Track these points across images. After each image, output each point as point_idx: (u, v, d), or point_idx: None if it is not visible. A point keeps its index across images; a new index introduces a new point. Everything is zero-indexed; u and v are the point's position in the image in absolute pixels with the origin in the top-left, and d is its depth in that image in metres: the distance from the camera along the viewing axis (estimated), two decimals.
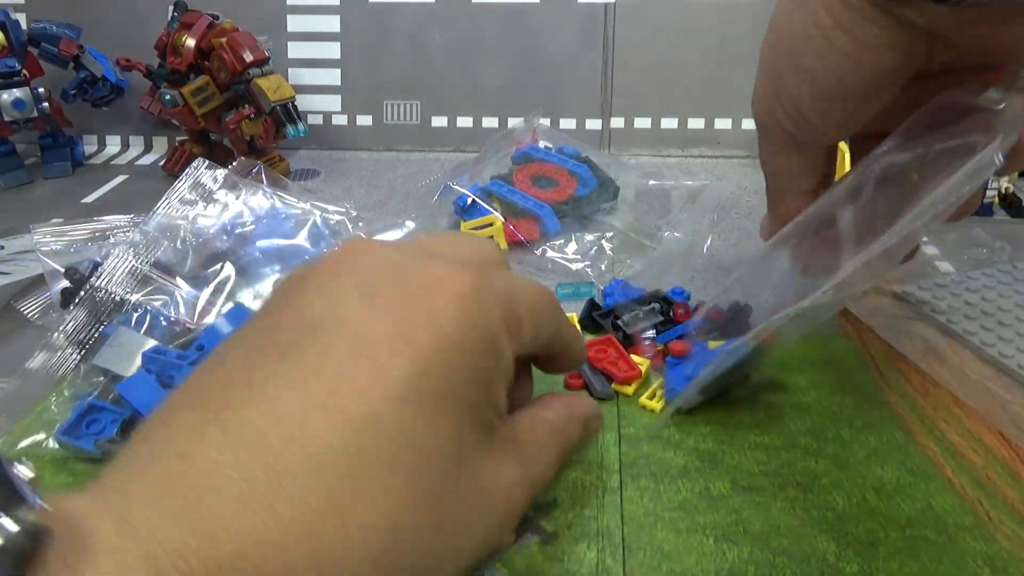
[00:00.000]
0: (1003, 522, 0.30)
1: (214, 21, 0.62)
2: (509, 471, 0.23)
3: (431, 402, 0.19)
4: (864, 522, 0.30)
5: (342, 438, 0.18)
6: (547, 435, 0.25)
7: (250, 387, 0.19)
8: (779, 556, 0.28)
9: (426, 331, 0.20)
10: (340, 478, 0.18)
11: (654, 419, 0.35)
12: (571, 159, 0.54)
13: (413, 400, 0.19)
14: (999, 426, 0.33)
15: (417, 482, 0.19)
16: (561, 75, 0.66)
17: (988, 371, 0.36)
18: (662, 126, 0.66)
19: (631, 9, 0.64)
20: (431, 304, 0.20)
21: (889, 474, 0.32)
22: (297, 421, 0.18)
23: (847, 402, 0.36)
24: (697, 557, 0.29)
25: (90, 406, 0.33)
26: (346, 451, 0.18)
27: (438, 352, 0.20)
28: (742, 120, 0.65)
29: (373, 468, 0.18)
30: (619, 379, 0.37)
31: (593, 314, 0.42)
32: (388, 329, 0.20)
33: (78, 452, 0.33)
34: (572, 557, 0.29)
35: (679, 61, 0.65)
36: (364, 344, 0.19)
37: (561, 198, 0.51)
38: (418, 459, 0.19)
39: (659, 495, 0.31)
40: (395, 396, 0.19)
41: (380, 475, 0.18)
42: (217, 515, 0.17)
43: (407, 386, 0.19)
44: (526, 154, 0.54)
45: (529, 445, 0.24)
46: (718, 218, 0.53)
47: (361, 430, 0.18)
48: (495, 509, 0.22)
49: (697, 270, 0.47)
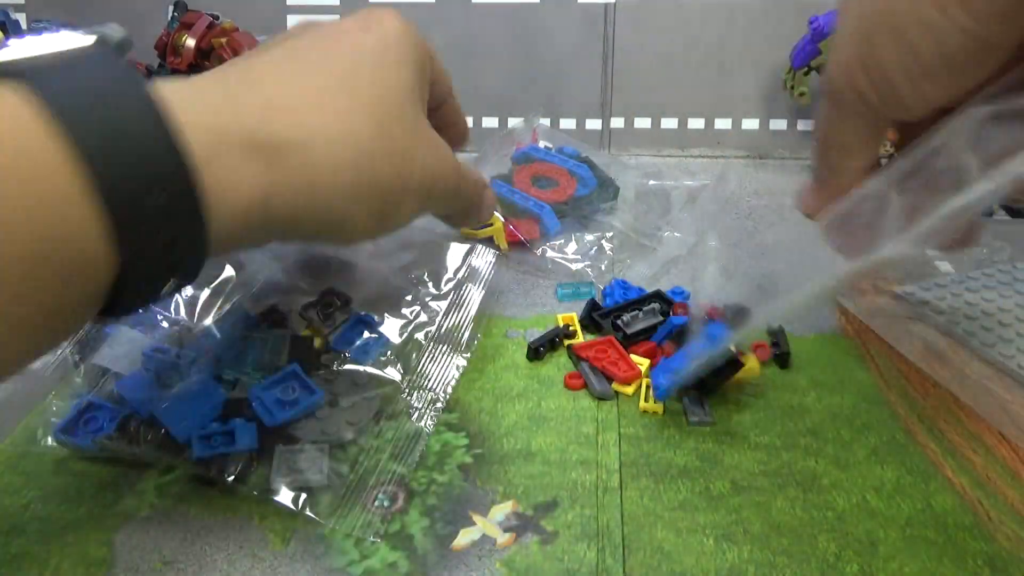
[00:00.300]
0: (1003, 522, 0.30)
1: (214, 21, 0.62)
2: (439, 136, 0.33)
3: (392, 61, 0.30)
4: (864, 522, 0.30)
5: (339, 79, 0.28)
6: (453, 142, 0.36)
7: (272, 60, 0.29)
8: (779, 556, 0.28)
9: (383, 23, 0.31)
10: (338, 102, 0.28)
11: (654, 419, 0.35)
12: (571, 159, 0.54)
13: (380, 57, 0.30)
14: (999, 426, 0.33)
15: (386, 103, 0.29)
16: (561, 75, 0.66)
17: (988, 371, 0.36)
18: (662, 126, 0.66)
19: (631, 9, 0.64)
20: (381, 14, 0.31)
21: (889, 474, 0.32)
22: (309, 71, 0.28)
23: (847, 402, 0.36)
24: (697, 557, 0.29)
25: (88, 404, 0.33)
26: (340, 86, 0.28)
27: (392, 34, 0.30)
28: (742, 120, 0.65)
29: (359, 95, 0.28)
30: (619, 379, 0.37)
31: (593, 314, 0.42)
32: (356, 24, 0.31)
33: (76, 450, 0.33)
34: (572, 557, 0.29)
35: (679, 61, 0.65)
36: (342, 31, 0.30)
37: (561, 198, 0.51)
38: (386, 92, 0.29)
39: (659, 495, 0.31)
40: (370, 54, 0.30)
41: (363, 101, 0.28)
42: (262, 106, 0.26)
43: (376, 50, 0.30)
44: (526, 154, 0.54)
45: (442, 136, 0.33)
46: (717, 218, 0.53)
47: (348, 74, 0.29)
48: (439, 144, 0.32)
49: (698, 270, 0.47)
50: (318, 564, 0.29)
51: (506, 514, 0.31)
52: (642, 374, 0.37)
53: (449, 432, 0.35)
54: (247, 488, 0.31)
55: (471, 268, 0.43)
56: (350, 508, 0.30)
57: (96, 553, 0.29)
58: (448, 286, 0.42)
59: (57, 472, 0.33)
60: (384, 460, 0.32)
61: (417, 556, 0.29)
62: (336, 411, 0.33)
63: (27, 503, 0.31)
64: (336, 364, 0.36)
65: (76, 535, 0.30)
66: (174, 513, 0.31)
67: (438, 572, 0.28)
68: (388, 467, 0.32)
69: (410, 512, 0.31)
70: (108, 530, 0.30)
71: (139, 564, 0.29)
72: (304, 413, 0.33)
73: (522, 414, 0.36)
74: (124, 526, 0.30)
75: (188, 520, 0.31)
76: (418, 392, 0.35)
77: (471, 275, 0.43)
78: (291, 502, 0.30)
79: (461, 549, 0.29)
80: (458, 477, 0.32)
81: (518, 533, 0.30)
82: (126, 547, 0.30)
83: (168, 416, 0.31)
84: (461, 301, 0.41)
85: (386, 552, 0.29)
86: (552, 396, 0.37)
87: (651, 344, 0.39)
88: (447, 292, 0.41)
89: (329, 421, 0.33)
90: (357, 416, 0.33)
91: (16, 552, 0.29)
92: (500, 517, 0.30)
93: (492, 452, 0.34)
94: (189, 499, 0.32)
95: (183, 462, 0.32)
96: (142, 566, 0.29)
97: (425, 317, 0.39)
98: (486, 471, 0.33)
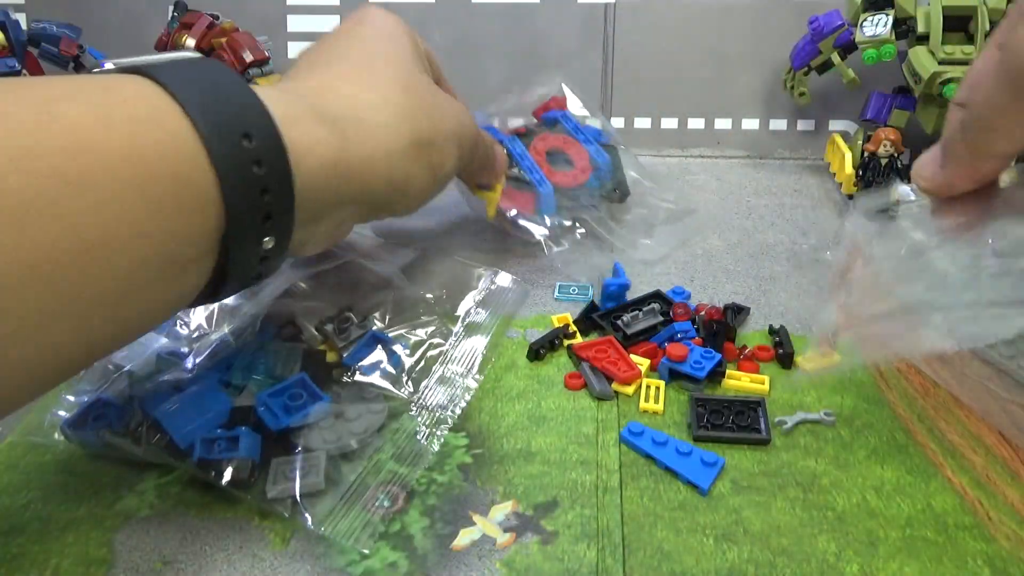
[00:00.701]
0: (1003, 522, 0.30)
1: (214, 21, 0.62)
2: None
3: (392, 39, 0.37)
4: (864, 522, 0.30)
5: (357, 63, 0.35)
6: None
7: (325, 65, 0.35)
8: (779, 556, 0.28)
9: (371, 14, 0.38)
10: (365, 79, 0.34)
11: (654, 419, 0.35)
12: (595, 143, 0.51)
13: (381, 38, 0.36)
14: (999, 426, 0.33)
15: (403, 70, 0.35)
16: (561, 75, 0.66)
17: (988, 371, 0.36)
18: (662, 126, 0.66)
19: (631, 9, 0.64)
20: (366, 10, 0.38)
21: (889, 474, 0.32)
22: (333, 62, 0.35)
23: (847, 402, 0.36)
24: (697, 557, 0.29)
25: (98, 400, 0.33)
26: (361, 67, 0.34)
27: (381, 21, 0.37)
28: (742, 120, 0.65)
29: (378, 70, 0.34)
30: (619, 379, 0.37)
31: (592, 315, 0.42)
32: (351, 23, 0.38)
33: (81, 445, 0.33)
34: (572, 557, 0.29)
35: (679, 61, 0.65)
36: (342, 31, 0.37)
37: (570, 183, 0.48)
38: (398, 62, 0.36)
39: (659, 495, 0.31)
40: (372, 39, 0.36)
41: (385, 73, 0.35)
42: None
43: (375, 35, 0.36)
44: (555, 119, 0.51)
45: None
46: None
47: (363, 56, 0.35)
48: (457, 105, 0.38)
49: (697, 270, 0.47)
50: (318, 564, 0.29)
51: (506, 514, 0.31)
52: (642, 374, 0.37)
53: (449, 432, 0.35)
54: (244, 494, 0.31)
55: (490, 292, 0.43)
56: (344, 515, 0.30)
57: (96, 553, 0.29)
58: (466, 308, 0.42)
59: (57, 472, 0.33)
60: (383, 473, 0.32)
61: (417, 556, 0.29)
62: (341, 422, 0.33)
63: (27, 503, 0.31)
64: (346, 378, 0.36)
65: (76, 535, 0.30)
66: (174, 513, 0.31)
67: (438, 572, 0.28)
68: (388, 477, 0.32)
69: (410, 512, 0.31)
70: (108, 530, 0.30)
71: (139, 564, 0.29)
72: (309, 419, 0.33)
73: (522, 414, 0.36)
74: (124, 526, 0.30)
75: (188, 520, 0.31)
76: (426, 412, 0.35)
77: (490, 299, 0.43)
78: (286, 508, 0.30)
79: (461, 549, 0.29)
80: (458, 477, 0.32)
81: (518, 533, 0.30)
82: (126, 547, 0.30)
83: (173, 421, 0.31)
84: (478, 324, 0.41)
85: (386, 552, 0.29)
86: (552, 396, 0.37)
87: (651, 344, 0.39)
88: (464, 314, 0.41)
89: (333, 431, 0.33)
90: (362, 427, 0.33)
91: (16, 552, 0.29)
92: (500, 517, 0.30)
93: (492, 452, 0.34)
94: (189, 499, 0.32)
95: (184, 464, 0.31)
96: (142, 566, 0.29)
97: (440, 338, 0.39)
98: (486, 471, 0.33)
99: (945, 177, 0.32)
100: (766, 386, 0.37)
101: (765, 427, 0.34)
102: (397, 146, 0.33)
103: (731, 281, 0.46)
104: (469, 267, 0.44)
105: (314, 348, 0.38)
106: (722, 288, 0.46)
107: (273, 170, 0.26)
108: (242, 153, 0.25)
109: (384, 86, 0.34)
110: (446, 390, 0.36)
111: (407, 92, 0.34)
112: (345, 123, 0.30)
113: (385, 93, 0.33)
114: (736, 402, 0.35)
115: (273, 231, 0.27)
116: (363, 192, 0.32)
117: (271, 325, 0.38)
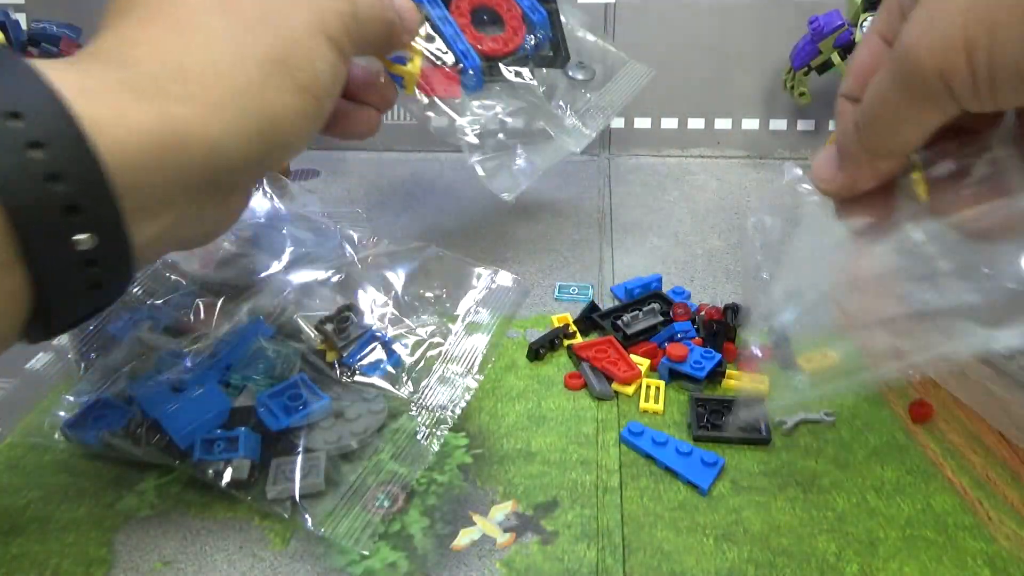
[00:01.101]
0: (1003, 522, 0.30)
1: None
2: None
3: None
4: (864, 522, 0.30)
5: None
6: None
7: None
8: (779, 556, 0.28)
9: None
10: (195, 17, 0.27)
11: (654, 419, 0.35)
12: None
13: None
14: (999, 427, 0.33)
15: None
16: None
17: (988, 371, 0.36)
18: (662, 126, 0.66)
19: (631, 9, 0.64)
20: None
21: (889, 474, 0.32)
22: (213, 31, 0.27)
23: (847, 402, 0.36)
24: (697, 557, 0.29)
25: (98, 401, 0.33)
26: (201, 12, 0.27)
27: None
28: (742, 120, 0.65)
29: (217, 9, 0.27)
30: (619, 379, 0.37)
31: (592, 315, 0.42)
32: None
33: (81, 446, 0.33)
34: (572, 557, 0.29)
35: (679, 61, 0.65)
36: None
37: (500, 51, 0.42)
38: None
39: (659, 495, 0.31)
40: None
41: (217, 8, 0.27)
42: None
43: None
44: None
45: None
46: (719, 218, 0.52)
47: (198, 5, 0.27)
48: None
49: (697, 270, 0.47)
50: (318, 564, 0.29)
51: (506, 514, 0.31)
52: (642, 374, 0.37)
53: (449, 432, 0.35)
54: (244, 494, 0.31)
55: (490, 291, 0.43)
56: (344, 515, 0.30)
57: (96, 553, 0.29)
58: (466, 308, 0.42)
59: (57, 472, 0.33)
60: (383, 473, 0.32)
61: (417, 556, 0.29)
62: (341, 422, 0.33)
63: (27, 503, 0.31)
64: (346, 378, 0.36)
65: (76, 535, 0.30)
66: (174, 513, 0.31)
67: (438, 572, 0.28)
68: (388, 477, 0.32)
69: (410, 512, 0.31)
70: (108, 530, 0.30)
71: (139, 564, 0.29)
72: (310, 419, 0.33)
73: (522, 414, 0.36)
74: (124, 526, 0.30)
75: (188, 520, 0.31)
76: (426, 412, 0.35)
77: (490, 298, 0.42)
78: (286, 509, 0.30)
79: (461, 549, 0.29)
80: (458, 477, 0.32)
81: (518, 533, 0.30)
82: (126, 547, 0.30)
83: (173, 422, 0.31)
84: (478, 324, 0.41)
85: (386, 552, 0.29)
86: (552, 396, 0.37)
87: (651, 344, 0.39)
88: (464, 314, 0.41)
89: (333, 431, 0.33)
90: (362, 427, 0.33)
91: (16, 552, 0.29)
92: (500, 517, 0.30)
93: (492, 452, 0.34)
94: (189, 499, 0.32)
95: (184, 465, 0.31)
96: (142, 566, 0.29)
97: (440, 338, 0.39)
98: (486, 471, 0.33)
99: (846, 179, 0.31)
100: (766, 386, 0.37)
101: (765, 427, 0.34)
102: (240, 85, 0.26)
103: (731, 281, 0.46)
104: (469, 266, 0.44)
105: (314, 348, 0.38)
106: (722, 288, 0.46)
107: (62, 152, 0.22)
108: (7, 135, 0.21)
109: (199, 15, 0.27)
110: (446, 390, 0.36)
111: (227, 12, 0.27)
112: (164, 80, 0.25)
113: (202, 25, 0.26)
114: (736, 402, 0.35)
115: (89, 226, 0.23)
116: (217, 155, 0.25)
117: (271, 325, 0.38)
